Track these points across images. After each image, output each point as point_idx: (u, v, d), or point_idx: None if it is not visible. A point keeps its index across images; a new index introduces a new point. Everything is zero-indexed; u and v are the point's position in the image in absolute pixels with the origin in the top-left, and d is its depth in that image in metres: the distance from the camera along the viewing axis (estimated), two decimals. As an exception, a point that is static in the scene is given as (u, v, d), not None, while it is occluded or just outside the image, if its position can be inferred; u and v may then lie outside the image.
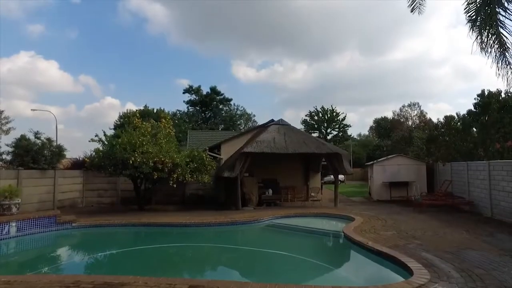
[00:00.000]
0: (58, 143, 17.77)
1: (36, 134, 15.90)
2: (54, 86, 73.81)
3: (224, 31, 77.29)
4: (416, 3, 7.67)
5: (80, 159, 19.06)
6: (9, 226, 9.61)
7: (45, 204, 15.15)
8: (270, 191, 17.64)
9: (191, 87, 56.17)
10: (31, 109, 34.37)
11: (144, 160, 13.59)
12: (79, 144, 71.91)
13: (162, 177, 14.27)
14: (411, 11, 7.81)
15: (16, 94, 69.43)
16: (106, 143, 14.76)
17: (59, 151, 16.41)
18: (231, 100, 58.63)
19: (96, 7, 77.97)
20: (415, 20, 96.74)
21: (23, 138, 15.55)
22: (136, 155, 13.60)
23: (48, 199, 15.45)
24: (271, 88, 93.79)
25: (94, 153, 15.17)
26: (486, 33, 5.95)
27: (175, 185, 14.47)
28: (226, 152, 18.49)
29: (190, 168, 14.84)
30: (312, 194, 17.83)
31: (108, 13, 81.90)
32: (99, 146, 15.05)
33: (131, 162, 13.41)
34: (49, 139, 16.32)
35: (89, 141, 15.10)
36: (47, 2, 71.95)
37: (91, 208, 16.56)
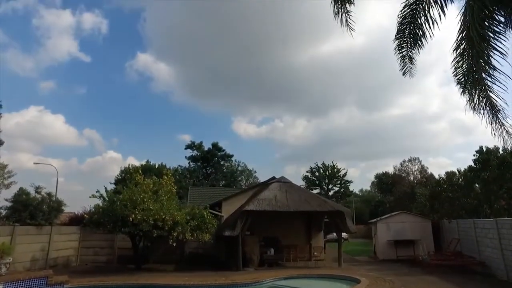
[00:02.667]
0: (57, 197, 17.66)
1: (37, 189, 15.91)
2: (59, 139, 75.35)
3: (226, 89, 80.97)
4: (407, 67, 8.20)
5: (79, 214, 18.76)
6: (-4, 288, 9.16)
7: (38, 262, 14.56)
8: (272, 250, 17.04)
9: (193, 143, 57.17)
10: (34, 163, 34.74)
11: (145, 217, 13.39)
12: (78, 198, 71.24)
13: (161, 235, 13.91)
14: (403, 74, 8.33)
15: (21, 147, 70.58)
16: (107, 199, 14.66)
17: (58, 206, 16.27)
18: (232, 156, 59.24)
19: (105, 66, 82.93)
20: (410, 79, 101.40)
21: (22, 192, 15.53)
22: (137, 212, 13.42)
23: (42, 257, 14.88)
24: (272, 143, 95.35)
25: (93, 209, 14.99)
26: (476, 96, 6.30)
27: (174, 244, 14.05)
28: (227, 210, 18.24)
29: (191, 226, 14.53)
30: (315, 253, 17.20)
31: (116, 72, 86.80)
32: (99, 202, 14.93)
33: (131, 219, 13.19)
34: (49, 194, 16.28)
35: (90, 196, 15.01)
36: (60, 60, 76.66)
37: (86, 267, 15.86)
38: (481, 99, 6.25)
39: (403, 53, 7.87)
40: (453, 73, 7.06)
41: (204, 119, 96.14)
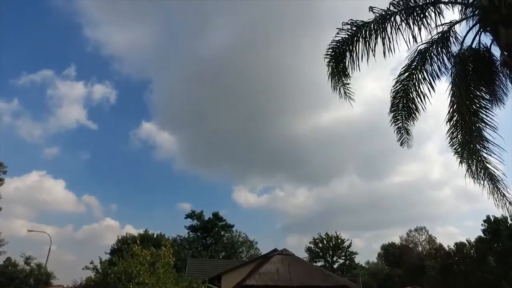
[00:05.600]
0: (47, 267, 16.80)
1: (27, 259, 15.23)
2: (57, 205, 74.21)
3: (227, 158, 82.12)
4: (404, 138, 8.49)
5: (68, 288, 17.64)
6: None
7: None
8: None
9: (193, 212, 56.01)
10: (28, 230, 33.46)
11: (139, 292, 12.55)
12: (70, 269, 67.16)
13: (155, 313, 12.87)
14: (401, 145, 8.60)
15: (16, 213, 69.00)
16: (101, 271, 13.90)
17: (46, 279, 15.40)
18: (233, 226, 57.54)
19: (110, 133, 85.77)
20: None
21: (10, 264, 14.82)
22: (131, 286, 12.62)
23: None
24: (273, 213, 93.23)
25: (84, 281, 14.12)
26: (474, 167, 6.41)
27: (168, 323, 12.93)
28: (227, 284, 17.15)
29: (187, 302, 13.53)
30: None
31: (120, 139, 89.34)
32: (92, 274, 14.11)
33: (124, 295, 12.34)
34: (39, 266, 15.53)
35: (83, 268, 14.23)
36: (68, 128, 79.45)
37: None
38: (479, 169, 6.36)
39: (399, 124, 8.23)
40: (449, 143, 7.30)
41: (205, 187, 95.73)
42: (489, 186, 6.30)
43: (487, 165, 6.11)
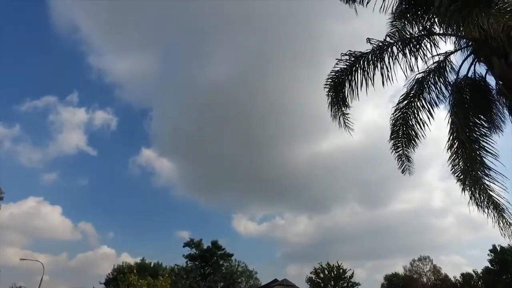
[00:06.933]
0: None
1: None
2: (52, 232, 72.38)
3: (227, 186, 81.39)
4: (405, 165, 8.48)
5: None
6: None
7: None
8: None
9: (192, 240, 54.80)
10: (20, 259, 32.74)
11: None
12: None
13: None
14: (402, 172, 8.57)
15: (9, 240, 67.01)
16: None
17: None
18: (232, 255, 56.09)
19: (110, 160, 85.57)
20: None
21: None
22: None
23: None
24: (273, 242, 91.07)
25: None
26: (477, 194, 6.35)
27: None
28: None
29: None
30: None
31: (119, 166, 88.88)
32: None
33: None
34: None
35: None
36: (67, 153, 79.32)
37: None
38: (482, 197, 6.30)
39: (399, 152, 8.25)
40: (451, 170, 7.27)
41: (204, 215, 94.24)
42: (494, 215, 6.22)
43: (490, 193, 6.06)
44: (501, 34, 4.38)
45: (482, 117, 5.91)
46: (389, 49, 7.18)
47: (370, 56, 7.18)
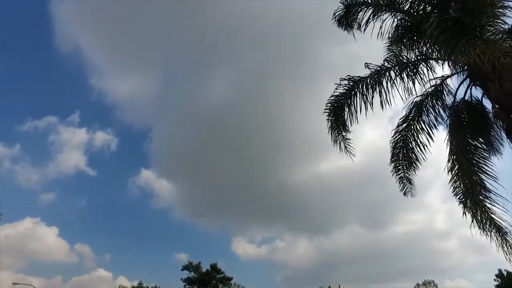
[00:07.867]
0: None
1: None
2: (47, 254, 70.53)
3: (226, 208, 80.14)
4: (407, 187, 8.48)
5: None
6: None
7: None
8: None
9: (190, 263, 53.56)
10: (13, 283, 32.07)
11: None
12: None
13: None
14: (404, 195, 8.55)
15: (2, 263, 65.05)
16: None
17: None
18: (231, 279, 54.70)
19: (108, 181, 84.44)
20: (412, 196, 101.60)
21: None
22: None
23: None
24: (273, 264, 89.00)
25: None
26: (479, 217, 6.31)
27: None
28: None
29: None
30: None
31: (118, 187, 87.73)
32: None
33: None
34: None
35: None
36: (66, 173, 78.73)
37: None
38: (484, 220, 6.26)
39: (400, 174, 8.27)
40: (453, 192, 7.25)
41: (203, 237, 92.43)
42: (497, 238, 6.16)
43: (492, 215, 6.03)
44: (487, 64, 4.50)
45: (480, 139, 5.98)
46: (387, 73, 7.35)
47: (368, 80, 7.33)
